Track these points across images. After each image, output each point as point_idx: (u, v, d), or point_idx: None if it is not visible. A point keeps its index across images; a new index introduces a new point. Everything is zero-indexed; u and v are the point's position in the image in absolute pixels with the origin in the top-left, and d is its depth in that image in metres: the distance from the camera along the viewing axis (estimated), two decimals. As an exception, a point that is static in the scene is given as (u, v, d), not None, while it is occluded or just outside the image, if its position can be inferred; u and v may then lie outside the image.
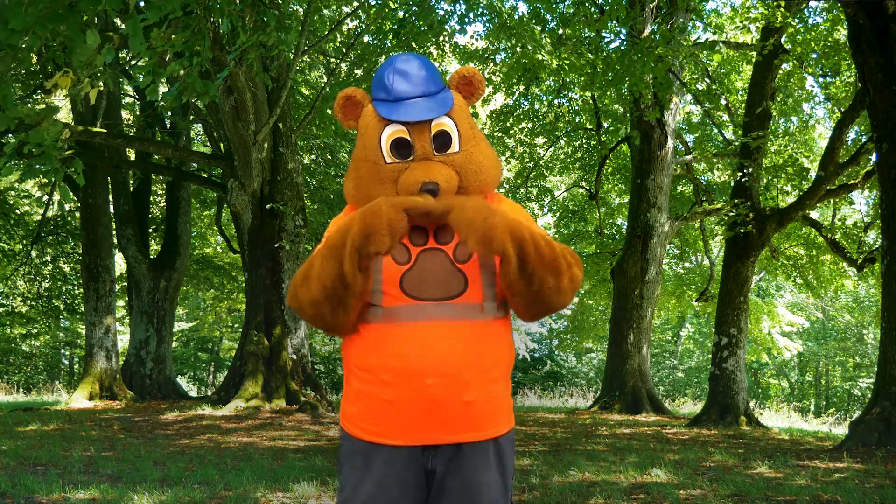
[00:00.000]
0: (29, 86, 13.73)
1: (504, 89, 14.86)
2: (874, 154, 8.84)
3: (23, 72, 12.87)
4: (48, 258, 18.32)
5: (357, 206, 1.80)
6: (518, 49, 11.65)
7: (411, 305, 1.69)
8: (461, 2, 11.90)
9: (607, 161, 16.93)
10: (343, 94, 1.82)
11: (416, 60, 1.77)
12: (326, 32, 12.93)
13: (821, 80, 14.24)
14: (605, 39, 12.49)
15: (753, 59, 13.32)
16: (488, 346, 1.71)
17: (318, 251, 1.74)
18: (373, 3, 12.67)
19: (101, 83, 5.22)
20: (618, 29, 13.26)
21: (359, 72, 14.38)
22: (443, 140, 1.74)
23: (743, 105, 14.30)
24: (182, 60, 4.66)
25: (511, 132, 16.32)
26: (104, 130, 12.16)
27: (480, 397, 1.69)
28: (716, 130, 16.54)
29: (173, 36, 4.65)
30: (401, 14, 11.54)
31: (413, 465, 1.72)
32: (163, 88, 13.01)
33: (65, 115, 15.26)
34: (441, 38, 12.18)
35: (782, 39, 11.92)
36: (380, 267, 1.73)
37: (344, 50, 14.28)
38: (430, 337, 1.67)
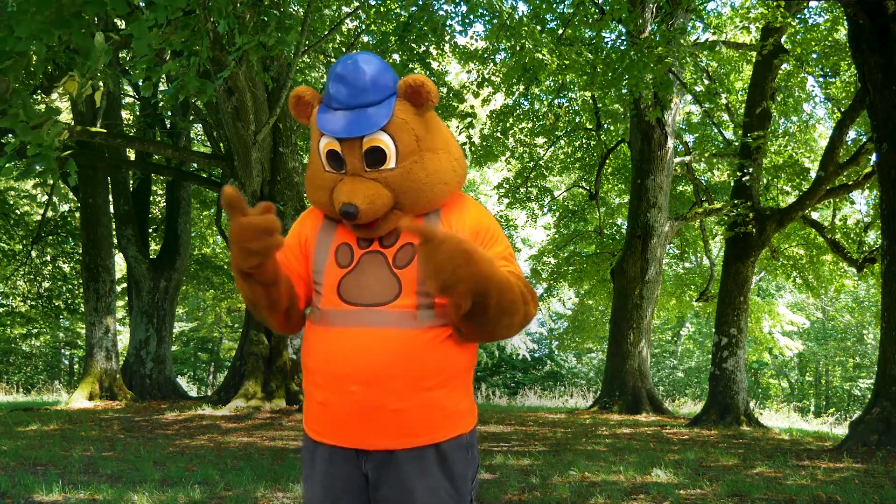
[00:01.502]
0: (29, 86, 13.72)
1: (504, 89, 14.86)
2: (874, 154, 8.84)
3: (23, 71, 12.85)
4: (48, 258, 18.32)
5: (314, 205, 1.80)
6: (518, 49, 11.66)
7: (343, 310, 1.67)
8: (462, 3, 11.90)
9: (607, 161, 16.94)
10: (294, 94, 1.76)
11: (361, 65, 1.64)
12: (326, 32, 12.93)
13: (821, 80, 14.24)
14: (606, 40, 12.48)
15: (753, 59, 13.33)
16: (420, 356, 1.63)
17: None
18: (373, 3, 12.68)
19: (100, 83, 5.22)
20: (619, 29, 13.26)
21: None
22: (376, 156, 1.64)
23: (743, 105, 14.31)
24: (180, 59, 4.66)
25: (511, 132, 16.32)
26: (104, 130, 12.15)
27: (411, 406, 1.63)
28: (716, 130, 16.54)
29: (172, 36, 4.65)
30: (404, 16, 11.55)
31: (352, 467, 1.71)
32: (162, 86, 13.02)
33: (65, 115, 15.25)
34: (441, 40, 12.19)
35: (782, 39, 11.92)
36: (321, 268, 1.73)
37: (344, 50, 14.28)
38: (356, 343, 1.63)
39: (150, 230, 16.89)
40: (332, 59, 14.97)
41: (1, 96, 3.97)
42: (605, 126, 16.07)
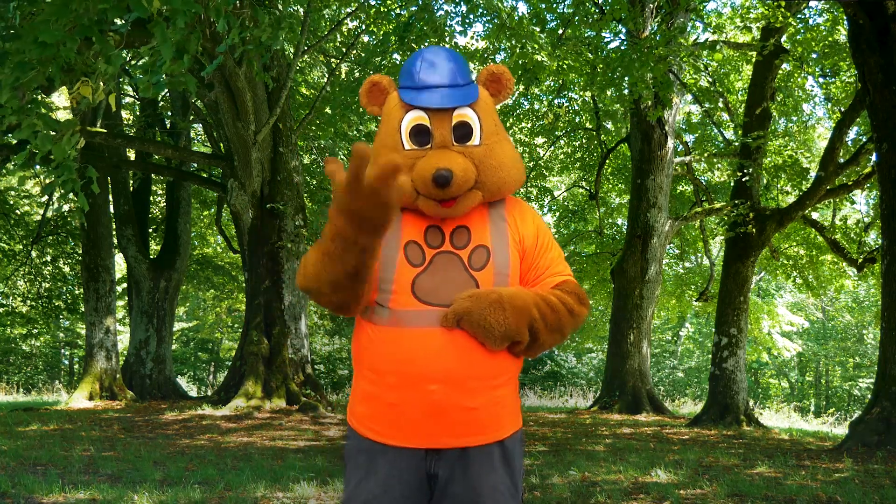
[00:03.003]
0: (29, 87, 13.71)
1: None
2: (874, 154, 8.84)
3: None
4: (48, 258, 18.32)
5: None
6: (518, 50, 11.66)
7: (420, 310, 1.66)
8: (462, 3, 11.90)
9: (607, 161, 16.94)
10: (370, 80, 1.81)
11: (445, 53, 1.78)
12: (326, 32, 12.93)
13: (821, 80, 14.24)
14: (606, 40, 12.49)
15: (753, 59, 13.33)
16: (493, 355, 1.69)
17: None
18: (373, 2, 12.67)
19: (101, 83, 5.21)
20: (618, 28, 13.25)
21: (358, 74, 14.37)
22: (464, 131, 1.71)
23: (743, 105, 14.30)
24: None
25: (511, 132, 16.32)
26: (104, 130, 12.15)
27: (484, 403, 1.68)
28: (716, 130, 16.54)
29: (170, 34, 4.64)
30: (404, 16, 11.54)
31: (416, 468, 1.71)
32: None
33: (63, 114, 15.25)
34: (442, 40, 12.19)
35: (782, 39, 11.91)
36: (392, 266, 1.69)
37: (344, 50, 14.28)
38: (438, 344, 1.65)
39: (150, 230, 16.88)
40: (333, 59, 14.96)
41: (18, 106, 3.98)
42: (605, 126, 16.07)
